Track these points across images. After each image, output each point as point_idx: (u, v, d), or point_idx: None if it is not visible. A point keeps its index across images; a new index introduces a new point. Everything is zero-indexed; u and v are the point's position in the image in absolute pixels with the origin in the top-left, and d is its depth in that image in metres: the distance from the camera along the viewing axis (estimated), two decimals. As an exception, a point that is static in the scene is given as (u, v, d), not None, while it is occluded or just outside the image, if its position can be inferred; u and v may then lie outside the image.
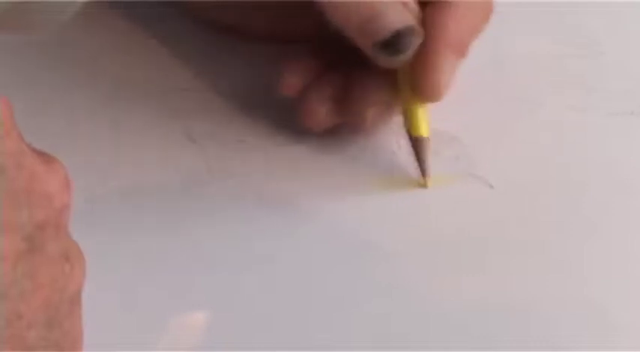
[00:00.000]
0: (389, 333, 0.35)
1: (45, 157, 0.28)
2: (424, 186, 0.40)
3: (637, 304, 0.36)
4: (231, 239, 0.38)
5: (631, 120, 0.43)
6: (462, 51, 0.38)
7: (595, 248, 0.38)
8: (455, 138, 0.41)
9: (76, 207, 0.30)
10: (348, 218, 0.39)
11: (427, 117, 0.39)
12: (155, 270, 0.37)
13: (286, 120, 0.41)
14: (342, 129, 0.40)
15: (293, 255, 0.37)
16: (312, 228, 0.38)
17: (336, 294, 0.36)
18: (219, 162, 0.40)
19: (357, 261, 0.37)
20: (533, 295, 0.36)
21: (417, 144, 0.39)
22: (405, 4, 0.37)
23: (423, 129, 0.39)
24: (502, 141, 0.41)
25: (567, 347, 0.35)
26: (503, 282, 0.37)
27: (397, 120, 0.40)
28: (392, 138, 0.41)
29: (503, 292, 0.36)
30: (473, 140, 0.41)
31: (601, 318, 0.36)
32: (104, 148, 0.40)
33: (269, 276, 0.37)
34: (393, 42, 0.36)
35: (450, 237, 0.38)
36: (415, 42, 0.37)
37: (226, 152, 0.40)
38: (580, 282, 0.37)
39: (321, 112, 0.39)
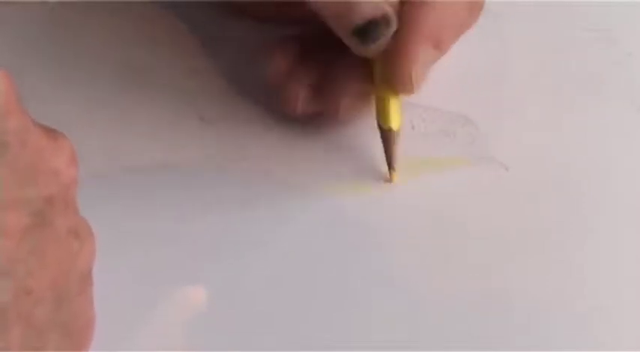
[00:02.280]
0: (389, 325, 0.35)
1: (50, 133, 0.28)
2: (389, 181, 0.39)
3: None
4: (239, 221, 0.38)
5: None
6: (437, 45, 0.38)
7: (607, 230, 0.38)
8: (469, 121, 0.41)
9: (88, 187, 0.30)
10: (347, 206, 0.38)
11: (399, 110, 0.39)
12: (164, 250, 0.37)
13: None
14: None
15: (289, 239, 0.37)
16: (311, 215, 0.38)
17: (331, 284, 0.36)
18: (231, 143, 0.40)
19: (357, 248, 0.37)
20: (544, 278, 0.36)
21: (385, 136, 0.39)
22: None
23: (394, 122, 0.38)
24: (517, 124, 0.41)
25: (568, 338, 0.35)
26: (514, 268, 0.37)
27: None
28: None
29: (516, 274, 0.36)
30: (488, 123, 0.41)
31: (620, 303, 0.36)
32: (115, 128, 0.40)
33: (266, 259, 0.37)
34: (367, 30, 0.36)
35: (452, 223, 0.38)
36: (389, 32, 0.36)
37: (238, 133, 0.40)
38: (597, 270, 0.37)
39: (298, 99, 0.39)
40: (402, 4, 0.37)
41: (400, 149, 0.39)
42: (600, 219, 0.38)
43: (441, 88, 0.41)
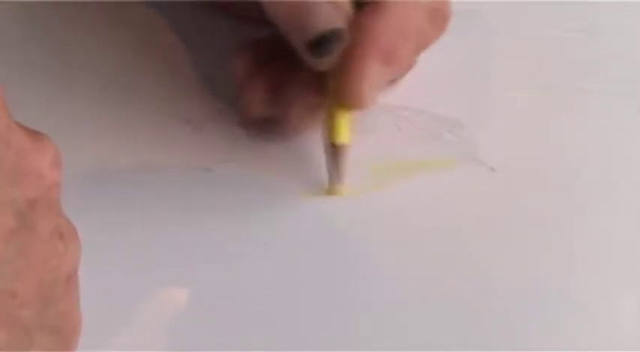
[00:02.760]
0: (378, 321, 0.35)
1: (34, 135, 0.28)
2: (335, 194, 0.39)
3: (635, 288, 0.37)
4: (224, 223, 0.38)
5: (631, 103, 0.42)
6: (388, 60, 0.37)
7: (595, 231, 0.38)
8: (456, 123, 0.41)
9: (73, 189, 0.31)
10: (334, 209, 0.39)
11: (348, 124, 0.38)
12: (148, 251, 0.37)
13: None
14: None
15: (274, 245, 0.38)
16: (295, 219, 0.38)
17: (317, 287, 0.36)
18: (216, 146, 0.40)
19: (345, 251, 0.37)
20: (532, 278, 0.37)
21: (331, 150, 0.38)
22: (336, 5, 0.36)
23: (342, 136, 0.37)
24: (504, 126, 0.41)
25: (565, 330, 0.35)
26: (502, 266, 0.37)
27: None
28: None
29: (503, 275, 0.37)
30: (474, 125, 0.41)
31: (603, 301, 0.36)
32: (99, 130, 0.40)
33: (251, 262, 0.37)
34: (318, 44, 0.35)
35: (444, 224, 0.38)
36: (340, 46, 0.36)
37: (223, 136, 0.40)
38: (579, 268, 0.37)
39: (253, 102, 0.39)
40: (357, 11, 0.36)
41: (347, 164, 0.38)
42: (587, 218, 0.39)
43: (428, 89, 0.41)
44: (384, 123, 0.41)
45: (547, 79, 0.43)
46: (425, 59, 0.40)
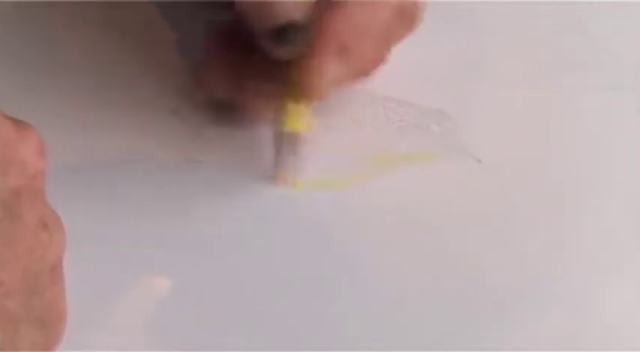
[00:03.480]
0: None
1: (18, 124, 0.28)
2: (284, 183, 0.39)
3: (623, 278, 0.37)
4: (208, 214, 0.38)
5: (616, 96, 0.42)
6: (344, 55, 0.37)
7: (582, 223, 0.38)
8: (444, 115, 0.41)
9: (58, 179, 0.30)
10: (321, 201, 0.39)
11: (305, 114, 0.38)
12: (133, 242, 0.37)
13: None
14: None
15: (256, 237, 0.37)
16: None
17: (299, 279, 0.36)
18: (202, 136, 0.40)
19: (331, 242, 0.37)
20: (520, 270, 0.37)
21: (282, 138, 0.38)
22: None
23: (297, 125, 0.37)
24: (491, 118, 0.41)
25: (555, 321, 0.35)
26: (491, 259, 0.37)
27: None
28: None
29: (491, 267, 0.37)
30: (462, 117, 0.41)
31: (590, 293, 0.36)
32: (85, 120, 0.40)
33: (236, 254, 0.37)
34: (278, 34, 0.35)
35: (433, 214, 0.38)
36: (299, 38, 0.36)
37: (210, 127, 0.40)
38: (567, 260, 0.37)
39: (209, 80, 0.39)
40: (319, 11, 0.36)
41: (303, 153, 0.38)
42: (574, 209, 0.39)
43: (415, 82, 0.41)
44: (372, 115, 0.41)
45: (536, 75, 0.43)
46: (412, 52, 0.39)
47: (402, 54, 0.39)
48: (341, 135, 0.40)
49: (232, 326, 0.35)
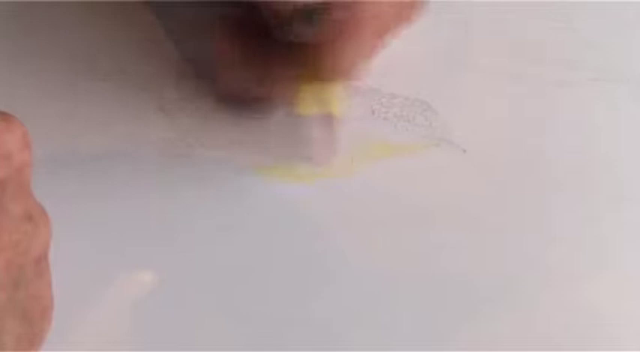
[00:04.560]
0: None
1: (2, 116, 0.28)
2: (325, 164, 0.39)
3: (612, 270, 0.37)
4: (194, 206, 0.38)
5: (602, 87, 0.43)
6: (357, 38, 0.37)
7: (567, 211, 0.38)
8: (428, 107, 0.41)
9: (43, 171, 0.30)
10: (307, 192, 0.39)
11: (332, 96, 0.38)
12: (119, 234, 0.37)
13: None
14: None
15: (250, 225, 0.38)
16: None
17: (287, 270, 0.36)
18: (189, 129, 0.40)
19: (318, 233, 0.37)
20: (507, 259, 0.37)
21: (317, 121, 0.38)
22: None
23: (332, 107, 0.38)
24: (475, 110, 0.41)
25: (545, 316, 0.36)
26: (479, 251, 0.37)
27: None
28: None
29: (476, 256, 0.37)
30: (446, 108, 0.41)
31: (576, 286, 0.36)
32: (71, 112, 0.40)
33: (225, 244, 0.37)
34: (306, 14, 0.35)
35: (419, 205, 0.38)
36: (323, 19, 0.35)
37: (197, 120, 0.40)
38: (555, 250, 0.37)
39: (231, 79, 0.39)
40: None
41: (337, 134, 0.39)
42: (558, 198, 0.39)
43: (400, 73, 0.41)
44: (357, 106, 0.41)
45: (519, 64, 0.43)
46: (398, 45, 0.39)
47: (387, 46, 0.39)
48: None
49: (220, 320, 0.35)
